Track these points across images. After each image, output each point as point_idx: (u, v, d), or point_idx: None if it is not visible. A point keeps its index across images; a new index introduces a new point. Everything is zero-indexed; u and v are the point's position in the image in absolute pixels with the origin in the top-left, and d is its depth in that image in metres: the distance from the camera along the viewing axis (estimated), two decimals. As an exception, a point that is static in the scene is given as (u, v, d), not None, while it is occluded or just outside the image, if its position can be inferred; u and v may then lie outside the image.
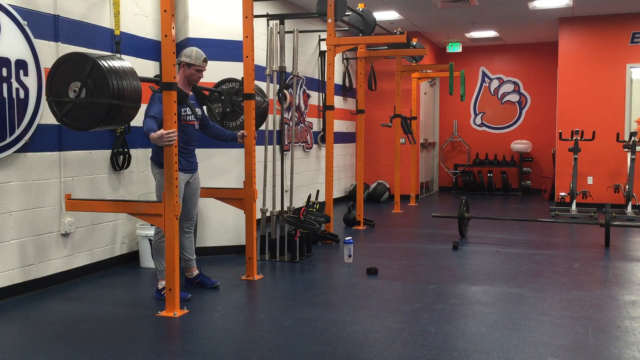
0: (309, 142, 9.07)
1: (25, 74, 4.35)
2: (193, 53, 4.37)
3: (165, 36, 3.85)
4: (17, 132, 4.30)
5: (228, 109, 5.08)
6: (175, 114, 3.92)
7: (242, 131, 4.85)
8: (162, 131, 3.87)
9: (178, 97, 3.99)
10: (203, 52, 4.45)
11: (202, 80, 4.57)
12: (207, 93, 4.92)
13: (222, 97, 5.09)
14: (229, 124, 5.15)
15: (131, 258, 5.52)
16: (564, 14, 9.54)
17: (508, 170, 12.11)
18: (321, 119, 9.40)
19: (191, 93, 4.51)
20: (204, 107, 4.80)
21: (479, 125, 12.61)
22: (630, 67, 9.50)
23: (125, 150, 5.32)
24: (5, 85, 4.20)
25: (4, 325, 3.80)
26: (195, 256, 4.71)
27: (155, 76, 4.14)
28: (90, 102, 3.56)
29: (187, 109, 4.38)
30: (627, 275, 5.17)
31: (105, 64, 3.57)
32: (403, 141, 10.27)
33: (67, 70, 3.62)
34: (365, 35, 7.30)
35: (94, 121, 3.62)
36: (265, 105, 5.24)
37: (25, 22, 4.32)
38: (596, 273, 5.25)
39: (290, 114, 7.77)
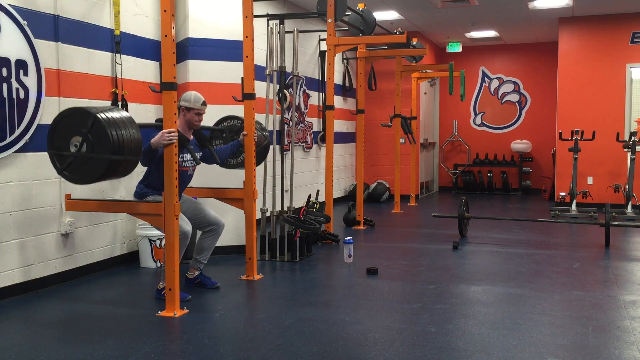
0: (309, 142, 9.07)
1: (25, 74, 4.35)
2: (192, 97, 4.39)
3: (165, 36, 3.85)
4: (17, 132, 4.31)
5: None
6: (175, 114, 3.93)
7: (243, 132, 4.87)
8: (162, 131, 3.88)
9: (179, 142, 4.05)
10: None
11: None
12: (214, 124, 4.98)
13: (224, 135, 5.13)
14: (231, 161, 5.18)
15: (131, 258, 5.52)
16: (564, 14, 9.54)
17: (508, 170, 12.11)
18: (321, 119, 9.40)
19: (192, 137, 4.53)
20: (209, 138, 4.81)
21: (479, 125, 12.61)
22: (630, 67, 9.50)
23: (125, 150, 5.31)
24: (5, 85, 4.20)
25: (4, 325, 3.80)
26: (206, 261, 4.72)
27: (157, 120, 4.20)
28: (91, 157, 3.61)
29: (188, 154, 4.41)
30: (627, 275, 5.17)
31: (106, 118, 3.59)
32: (403, 141, 10.27)
33: (69, 125, 3.66)
34: (365, 35, 7.30)
35: (94, 176, 3.66)
36: (267, 143, 5.27)
37: (25, 22, 4.32)
38: (596, 273, 5.25)
39: (290, 114, 7.77)
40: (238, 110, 5.46)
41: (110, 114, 3.64)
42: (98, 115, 3.57)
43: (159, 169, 4.10)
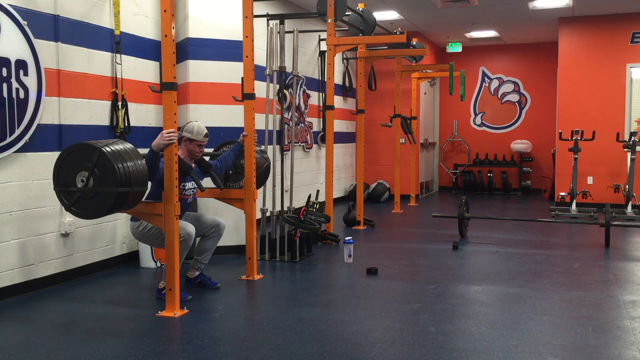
0: (309, 142, 9.06)
1: (25, 74, 4.35)
2: (195, 129, 4.40)
3: (165, 36, 3.85)
4: (17, 132, 4.31)
5: (230, 171, 5.13)
6: (175, 113, 3.93)
7: (243, 133, 4.88)
8: (161, 132, 3.88)
9: (182, 169, 4.07)
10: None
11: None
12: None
13: None
14: (231, 185, 5.19)
15: (131, 258, 5.52)
16: (564, 14, 9.54)
17: (508, 170, 12.11)
18: (321, 119, 9.40)
19: (194, 165, 4.54)
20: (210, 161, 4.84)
21: (479, 125, 12.61)
22: (630, 67, 9.50)
23: (125, 150, 5.31)
24: (5, 85, 4.20)
25: (4, 325, 3.80)
26: (207, 262, 4.73)
27: None
28: (98, 191, 3.63)
29: (191, 182, 4.44)
30: (627, 275, 5.17)
31: (111, 151, 3.61)
32: (403, 141, 10.27)
33: (74, 161, 3.67)
34: (365, 35, 7.29)
35: (103, 209, 3.69)
36: (267, 165, 5.29)
37: (25, 22, 4.32)
38: (596, 273, 5.25)
39: (290, 114, 7.77)
40: (238, 110, 5.47)
41: (114, 147, 3.68)
42: (103, 149, 3.60)
43: (161, 188, 4.10)
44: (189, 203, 4.61)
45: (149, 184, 4.23)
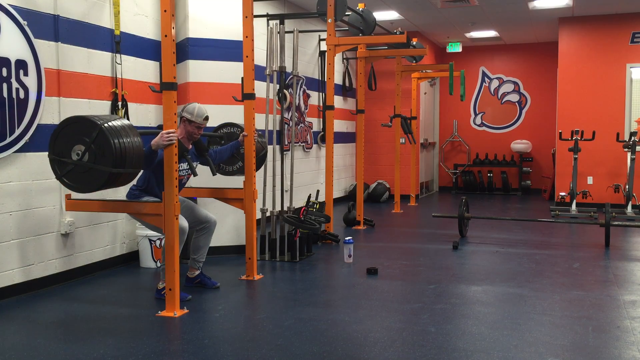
0: (309, 142, 9.07)
1: (25, 74, 4.35)
2: (195, 110, 4.39)
3: (165, 36, 3.85)
4: (17, 132, 4.31)
5: None
6: (175, 114, 3.93)
7: (243, 132, 4.88)
8: (161, 132, 3.88)
9: (179, 151, 4.06)
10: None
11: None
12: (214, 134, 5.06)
13: (222, 142, 5.14)
14: (227, 168, 5.19)
15: (131, 258, 5.52)
16: (564, 14, 9.54)
17: (508, 170, 12.11)
18: (321, 119, 9.40)
19: (191, 147, 4.54)
20: (207, 144, 4.84)
21: (479, 125, 12.61)
22: (630, 67, 9.50)
23: (125, 150, 5.31)
24: (5, 85, 4.20)
25: (4, 325, 3.80)
26: (204, 259, 4.72)
27: (158, 127, 4.20)
28: (91, 168, 3.61)
29: (184, 164, 4.43)
30: (627, 275, 5.17)
31: (111, 130, 3.58)
32: (403, 141, 10.27)
33: (73, 133, 3.66)
34: (365, 35, 7.29)
35: (94, 185, 3.68)
36: (265, 152, 5.32)
37: (25, 22, 4.32)
38: (596, 273, 5.25)
39: (290, 114, 7.77)
40: (238, 110, 5.47)
41: (114, 123, 3.65)
42: (104, 126, 3.57)
43: (157, 176, 4.08)
44: (184, 184, 4.60)
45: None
